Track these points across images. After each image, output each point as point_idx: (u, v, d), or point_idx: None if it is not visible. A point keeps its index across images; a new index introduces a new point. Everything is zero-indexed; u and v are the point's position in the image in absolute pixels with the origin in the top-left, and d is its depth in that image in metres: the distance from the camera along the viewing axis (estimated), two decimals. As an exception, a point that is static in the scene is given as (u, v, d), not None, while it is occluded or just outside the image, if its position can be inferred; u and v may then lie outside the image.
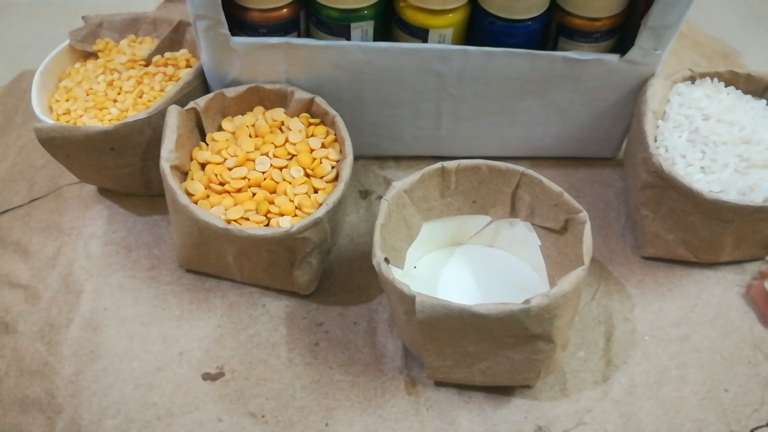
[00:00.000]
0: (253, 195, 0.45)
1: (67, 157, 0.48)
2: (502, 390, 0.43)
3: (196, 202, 0.44)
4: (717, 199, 0.43)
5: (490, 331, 0.37)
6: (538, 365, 0.39)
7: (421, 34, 0.49)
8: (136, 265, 0.49)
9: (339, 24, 0.48)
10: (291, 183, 0.45)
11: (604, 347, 0.45)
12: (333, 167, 0.46)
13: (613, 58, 0.49)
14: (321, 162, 0.46)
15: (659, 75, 0.50)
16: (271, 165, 0.46)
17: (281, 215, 0.44)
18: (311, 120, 0.48)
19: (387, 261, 0.39)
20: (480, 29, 0.49)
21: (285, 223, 0.43)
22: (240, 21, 0.48)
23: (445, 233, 0.48)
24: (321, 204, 0.43)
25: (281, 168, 0.46)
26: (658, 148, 0.47)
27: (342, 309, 0.47)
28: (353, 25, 0.48)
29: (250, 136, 0.47)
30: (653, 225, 0.48)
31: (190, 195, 0.44)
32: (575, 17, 0.48)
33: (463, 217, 0.48)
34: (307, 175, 0.46)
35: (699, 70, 0.52)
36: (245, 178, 0.45)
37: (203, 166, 0.46)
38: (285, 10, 0.48)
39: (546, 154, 0.56)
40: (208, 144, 0.47)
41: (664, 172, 0.45)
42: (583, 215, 0.41)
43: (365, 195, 0.54)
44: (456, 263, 0.48)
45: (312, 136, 0.48)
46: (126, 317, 0.46)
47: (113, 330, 0.45)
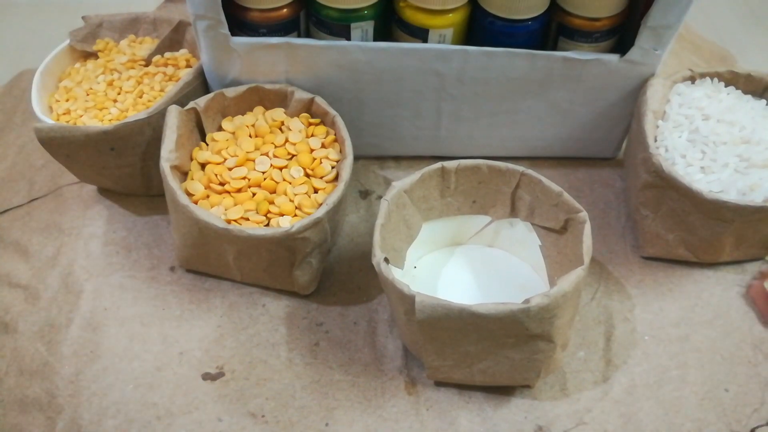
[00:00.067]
0: (253, 195, 0.45)
1: (67, 157, 0.48)
2: (502, 390, 0.43)
3: (196, 202, 0.44)
4: (717, 199, 0.43)
5: (490, 331, 0.37)
6: (538, 365, 0.39)
7: (421, 34, 0.49)
8: (136, 265, 0.49)
9: (339, 24, 0.48)
10: (291, 183, 0.45)
11: (604, 347, 0.45)
12: (333, 167, 0.46)
13: (613, 58, 0.49)
14: (321, 162, 0.46)
15: (659, 75, 0.50)
16: (271, 165, 0.46)
17: (281, 215, 0.44)
18: (311, 120, 0.48)
19: (387, 261, 0.39)
20: (480, 29, 0.49)
21: (285, 223, 0.43)
22: (240, 21, 0.48)
23: (445, 233, 0.48)
24: (321, 204, 0.43)
25: (281, 168, 0.46)
26: (658, 148, 0.47)
27: (342, 309, 0.47)
28: (353, 25, 0.48)
29: (250, 136, 0.47)
30: (653, 225, 0.48)
31: (190, 195, 0.44)
32: (575, 17, 0.48)
33: (463, 217, 0.48)
34: (307, 175, 0.46)
35: (699, 70, 0.52)
36: (245, 178, 0.45)
37: (203, 166, 0.46)
38: (285, 10, 0.48)
39: (546, 154, 0.56)
40: (208, 144, 0.47)
41: (664, 172, 0.45)
42: (583, 215, 0.41)
43: (365, 195, 0.54)
44: (456, 263, 0.48)
45: (312, 136, 0.48)
46: (126, 317, 0.46)
47: (113, 330, 0.45)
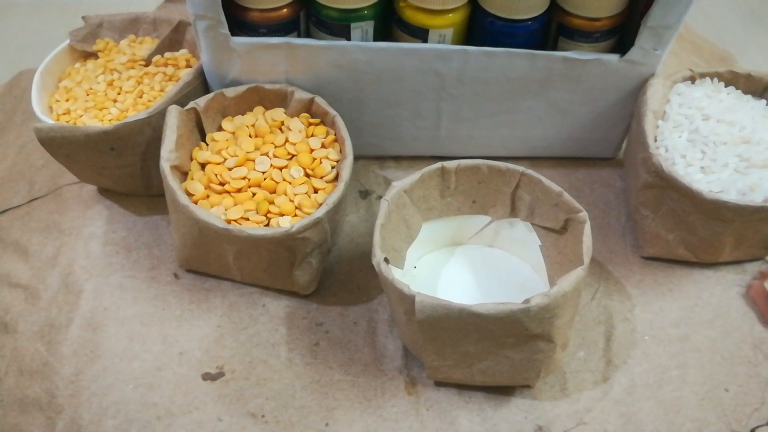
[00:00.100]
0: (253, 195, 0.45)
1: (67, 157, 0.48)
2: (502, 390, 0.43)
3: (196, 202, 0.44)
4: (717, 199, 0.43)
5: (490, 331, 0.37)
6: (538, 365, 0.39)
7: (421, 34, 0.49)
8: (136, 265, 0.49)
9: (339, 24, 0.48)
10: (291, 183, 0.45)
11: (604, 347, 0.45)
12: (333, 167, 0.46)
13: (613, 58, 0.49)
14: (321, 162, 0.46)
15: (659, 75, 0.50)
16: (271, 165, 0.46)
17: (281, 215, 0.44)
18: (311, 120, 0.48)
19: (387, 261, 0.39)
20: (480, 29, 0.49)
21: (285, 223, 0.43)
22: (240, 21, 0.48)
23: (445, 233, 0.48)
24: (321, 204, 0.43)
25: (281, 168, 0.46)
26: (658, 148, 0.47)
27: (342, 309, 0.47)
28: (353, 25, 0.48)
29: (250, 136, 0.47)
30: (653, 225, 0.48)
31: (190, 195, 0.44)
32: (575, 17, 0.48)
33: (463, 217, 0.48)
34: (307, 175, 0.46)
35: (699, 70, 0.52)
36: (245, 178, 0.45)
37: (203, 166, 0.46)
38: (285, 10, 0.48)
39: (546, 154, 0.56)
40: (208, 144, 0.47)
41: (664, 172, 0.45)
42: (583, 215, 0.41)
43: (365, 195, 0.54)
44: (456, 263, 0.48)
45: (312, 136, 0.48)
46: (126, 317, 0.46)
47: (113, 330, 0.45)
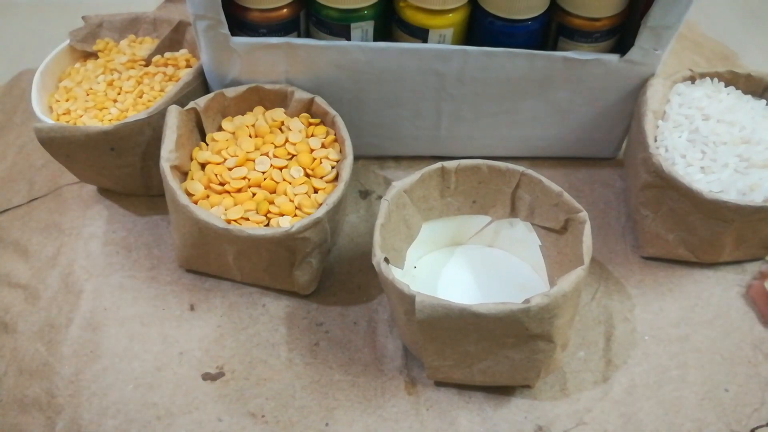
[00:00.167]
0: (253, 195, 0.45)
1: (67, 157, 0.48)
2: (502, 390, 0.43)
3: (196, 202, 0.44)
4: (717, 199, 0.43)
5: (490, 331, 0.37)
6: (538, 365, 0.39)
7: (421, 34, 0.49)
8: (136, 265, 0.49)
9: (339, 24, 0.48)
10: (291, 183, 0.45)
11: (604, 347, 0.45)
12: (333, 167, 0.46)
13: (613, 58, 0.49)
14: (321, 162, 0.46)
15: (659, 75, 0.50)
16: (271, 165, 0.46)
17: (281, 215, 0.44)
18: (311, 120, 0.48)
19: (387, 261, 0.39)
20: (480, 29, 0.49)
21: (285, 223, 0.43)
22: (240, 21, 0.48)
23: (445, 233, 0.48)
24: (321, 204, 0.43)
25: (281, 168, 0.46)
26: (658, 148, 0.47)
27: (342, 309, 0.47)
28: (353, 25, 0.48)
29: (250, 136, 0.47)
30: (653, 225, 0.48)
31: (190, 195, 0.44)
32: (575, 17, 0.48)
33: (463, 217, 0.48)
34: (307, 175, 0.46)
35: (699, 70, 0.52)
36: (245, 178, 0.45)
37: (203, 166, 0.46)
38: (285, 10, 0.48)
39: (546, 154, 0.56)
40: (208, 144, 0.47)
41: (664, 172, 0.45)
42: (583, 215, 0.41)
43: (365, 195, 0.54)
44: (456, 263, 0.48)
45: (312, 136, 0.48)
46: (126, 317, 0.46)
47: (113, 330, 0.45)
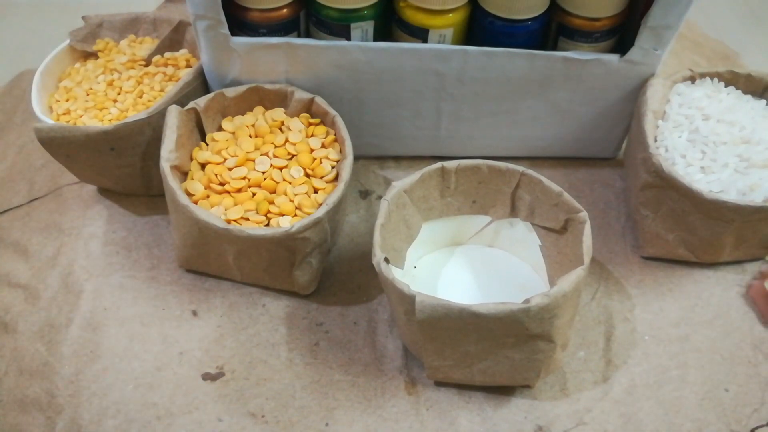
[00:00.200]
0: (253, 195, 0.45)
1: (67, 157, 0.48)
2: (502, 390, 0.43)
3: (196, 202, 0.44)
4: (717, 199, 0.43)
5: (490, 331, 0.37)
6: (538, 365, 0.39)
7: (421, 34, 0.49)
8: (136, 265, 0.49)
9: (339, 24, 0.48)
10: (291, 183, 0.45)
11: (604, 347, 0.45)
12: (333, 167, 0.46)
13: (613, 58, 0.49)
14: (321, 162, 0.46)
15: (659, 75, 0.50)
16: (271, 165, 0.46)
17: (281, 215, 0.44)
18: (311, 120, 0.48)
19: (387, 261, 0.39)
20: (480, 29, 0.49)
21: (285, 223, 0.43)
22: (240, 21, 0.48)
23: (445, 233, 0.48)
24: (321, 204, 0.43)
25: (281, 168, 0.46)
26: (658, 148, 0.47)
27: (342, 309, 0.47)
28: (353, 25, 0.48)
29: (250, 136, 0.47)
30: (653, 225, 0.48)
31: (190, 195, 0.44)
32: (575, 17, 0.48)
33: (463, 217, 0.48)
34: (307, 175, 0.46)
35: (699, 70, 0.52)
36: (245, 178, 0.45)
37: (203, 166, 0.46)
38: (285, 10, 0.48)
39: (546, 154, 0.56)
40: (208, 144, 0.47)
41: (664, 172, 0.45)
42: (583, 215, 0.41)
43: (365, 195, 0.54)
44: (456, 263, 0.48)
45: (312, 136, 0.48)
46: (126, 317, 0.46)
47: (113, 330, 0.45)
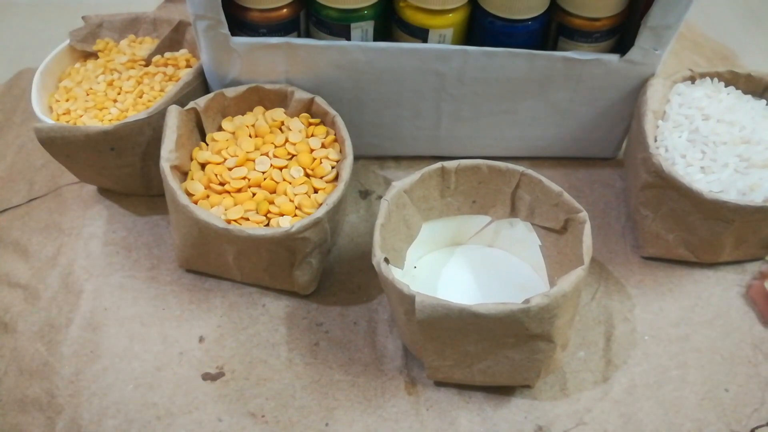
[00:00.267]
0: (253, 195, 0.45)
1: (67, 157, 0.48)
2: (502, 390, 0.43)
3: (196, 202, 0.44)
4: (717, 199, 0.43)
5: (490, 331, 0.37)
6: (538, 365, 0.39)
7: (421, 34, 0.49)
8: (136, 265, 0.49)
9: (339, 24, 0.48)
10: (291, 183, 0.45)
11: (604, 347, 0.45)
12: (333, 167, 0.46)
13: (613, 58, 0.49)
14: (321, 162, 0.46)
15: (659, 75, 0.50)
16: (271, 165, 0.46)
17: (281, 215, 0.44)
18: (311, 120, 0.48)
19: (387, 261, 0.39)
20: (480, 29, 0.49)
21: (285, 223, 0.43)
22: (240, 21, 0.48)
23: (445, 233, 0.48)
24: (321, 204, 0.43)
25: (281, 168, 0.46)
26: (658, 148, 0.47)
27: (342, 309, 0.47)
28: (353, 25, 0.48)
29: (250, 136, 0.47)
30: (653, 225, 0.48)
31: (190, 195, 0.44)
32: (575, 17, 0.48)
33: (463, 217, 0.48)
34: (307, 175, 0.46)
35: (699, 70, 0.52)
36: (245, 178, 0.45)
37: (203, 166, 0.46)
38: (285, 10, 0.48)
39: (546, 154, 0.56)
40: (208, 144, 0.47)
41: (664, 172, 0.45)
42: (583, 215, 0.41)
43: (365, 195, 0.54)
44: (456, 263, 0.48)
45: (312, 136, 0.48)
46: (126, 317, 0.46)
47: (113, 330, 0.45)
